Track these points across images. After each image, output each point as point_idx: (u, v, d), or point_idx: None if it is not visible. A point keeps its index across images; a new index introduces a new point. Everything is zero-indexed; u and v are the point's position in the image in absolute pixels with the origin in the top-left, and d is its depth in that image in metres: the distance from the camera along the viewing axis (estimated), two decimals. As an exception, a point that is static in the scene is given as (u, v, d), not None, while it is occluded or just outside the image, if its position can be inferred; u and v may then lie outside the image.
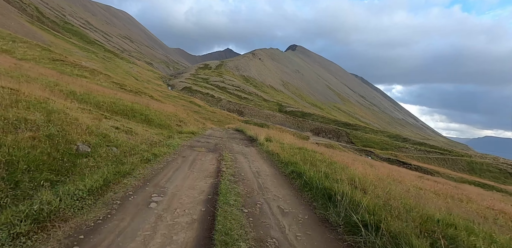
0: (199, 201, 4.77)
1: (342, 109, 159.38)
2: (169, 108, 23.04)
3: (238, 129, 24.16)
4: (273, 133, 17.16)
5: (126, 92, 29.47)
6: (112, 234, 3.38)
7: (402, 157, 42.29)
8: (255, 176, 6.88)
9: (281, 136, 15.54)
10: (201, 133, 16.14)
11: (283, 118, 69.11)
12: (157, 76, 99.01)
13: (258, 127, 51.84)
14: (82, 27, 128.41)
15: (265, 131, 17.62)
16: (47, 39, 75.34)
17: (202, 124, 25.69)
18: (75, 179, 4.55)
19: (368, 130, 62.58)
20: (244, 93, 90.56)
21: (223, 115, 62.62)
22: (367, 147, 47.75)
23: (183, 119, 19.80)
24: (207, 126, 26.89)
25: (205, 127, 23.46)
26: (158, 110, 17.98)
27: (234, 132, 22.03)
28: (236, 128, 26.88)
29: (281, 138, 13.98)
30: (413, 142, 55.04)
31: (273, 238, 3.75)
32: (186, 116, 22.94)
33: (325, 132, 58.63)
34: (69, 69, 32.71)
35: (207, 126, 26.10)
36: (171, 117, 17.38)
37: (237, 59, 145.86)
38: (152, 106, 18.73)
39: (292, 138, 15.34)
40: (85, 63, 39.68)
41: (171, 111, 20.45)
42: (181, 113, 23.22)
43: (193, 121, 23.22)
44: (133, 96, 24.19)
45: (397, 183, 8.94)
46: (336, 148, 36.28)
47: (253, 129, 21.04)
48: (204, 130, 18.97)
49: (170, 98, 52.26)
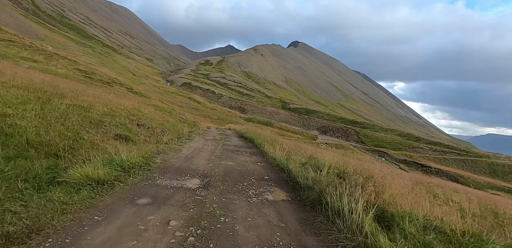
0: None
1: (345, 107, 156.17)
2: (146, 108, 15.50)
3: (243, 135, 16.60)
4: (297, 147, 12.71)
5: (91, 84, 22.81)
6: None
7: (418, 158, 39.07)
8: None
9: (315, 151, 10.93)
10: (173, 151, 8.58)
11: (288, 115, 65.98)
12: (156, 72, 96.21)
13: (262, 126, 49.00)
14: (81, 23, 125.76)
15: (278, 138, 14.08)
16: (41, 33, 72.87)
17: (191, 128, 18.08)
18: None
19: (377, 128, 59.37)
20: (246, 90, 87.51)
21: (224, 112, 59.72)
22: (378, 147, 44.55)
23: (152, 118, 12.80)
24: (202, 127, 22.33)
25: (197, 130, 17.90)
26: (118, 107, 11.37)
27: (239, 139, 14.82)
28: (240, 131, 19.59)
29: (315, 153, 9.94)
30: (426, 141, 51.79)
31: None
32: (163, 118, 15.54)
33: (332, 131, 55.37)
34: (15, 51, 25.63)
35: (201, 128, 21.45)
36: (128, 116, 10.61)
37: (238, 55, 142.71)
38: (112, 103, 11.92)
39: (330, 155, 11.04)
40: (50, 48, 35.62)
41: (132, 107, 12.93)
42: (153, 114, 15.06)
43: (176, 122, 16.68)
44: (94, 90, 16.65)
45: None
46: (347, 148, 33.22)
47: (260, 132, 16.32)
48: (190, 138, 12.77)
49: (168, 95, 49.29)
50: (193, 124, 21.42)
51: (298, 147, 11.97)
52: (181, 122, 17.92)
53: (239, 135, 18.10)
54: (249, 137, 14.62)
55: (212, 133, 18.15)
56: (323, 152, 11.95)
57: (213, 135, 16.83)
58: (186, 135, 13.87)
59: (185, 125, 17.80)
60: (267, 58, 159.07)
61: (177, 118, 19.26)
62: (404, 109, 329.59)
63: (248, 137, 14.73)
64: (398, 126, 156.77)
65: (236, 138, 15.72)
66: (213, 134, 17.31)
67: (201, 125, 24.12)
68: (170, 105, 29.54)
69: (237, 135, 18.34)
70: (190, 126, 18.86)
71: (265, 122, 51.42)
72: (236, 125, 29.71)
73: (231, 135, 17.93)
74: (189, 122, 20.77)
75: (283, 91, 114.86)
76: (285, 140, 17.70)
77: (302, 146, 13.24)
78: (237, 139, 15.11)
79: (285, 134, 40.75)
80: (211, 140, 13.44)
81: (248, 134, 16.09)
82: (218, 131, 21.61)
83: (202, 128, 22.23)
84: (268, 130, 36.69)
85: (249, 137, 14.68)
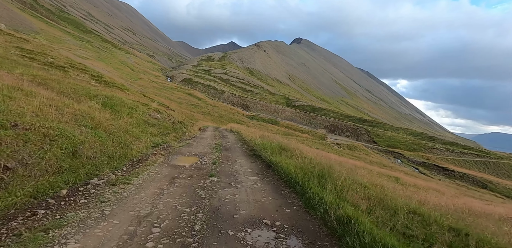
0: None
1: (350, 104, 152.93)
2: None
3: (256, 150, 10.17)
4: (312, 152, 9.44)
5: (29, 66, 15.32)
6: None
7: (435, 160, 35.96)
8: None
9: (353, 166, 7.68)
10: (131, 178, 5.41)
11: (293, 113, 63.06)
12: (156, 68, 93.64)
13: (267, 124, 46.25)
14: (82, 18, 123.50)
15: (295, 145, 10.39)
16: (37, 27, 70.64)
17: (166, 134, 12.08)
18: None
19: (388, 127, 56.23)
20: (249, 86, 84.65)
21: (226, 109, 57.00)
22: (392, 147, 41.47)
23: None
24: (193, 129, 17.29)
25: (179, 136, 13.07)
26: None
27: (249, 161, 8.92)
28: (248, 138, 13.66)
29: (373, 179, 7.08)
30: (441, 141, 48.59)
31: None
32: (105, 120, 8.12)
33: (341, 129, 52.29)
34: None
35: (193, 131, 16.71)
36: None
37: (241, 51, 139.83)
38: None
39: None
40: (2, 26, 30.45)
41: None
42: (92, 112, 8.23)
43: (131, 127, 9.32)
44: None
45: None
46: (361, 150, 30.34)
47: (289, 144, 10.49)
48: (170, 152, 9.04)
49: (166, 90, 46.57)
50: (179, 125, 15.15)
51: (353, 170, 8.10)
52: (145, 126, 10.89)
53: (248, 148, 11.19)
54: (274, 162, 7.30)
55: (204, 143, 12.16)
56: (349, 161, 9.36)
57: (203, 148, 10.79)
58: (137, 154, 7.47)
59: (156, 130, 11.37)
60: (270, 54, 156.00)
61: (144, 117, 11.95)
62: (408, 107, 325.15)
63: (273, 162, 7.36)
64: (403, 124, 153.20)
65: (243, 157, 9.40)
66: (203, 146, 11.37)
67: (195, 125, 19.62)
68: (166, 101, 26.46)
69: (245, 147, 11.66)
70: (168, 129, 12.66)
71: (270, 120, 48.60)
72: (240, 125, 26.68)
73: (234, 146, 12.05)
74: (170, 123, 14.25)
75: (287, 88, 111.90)
76: (307, 147, 14.63)
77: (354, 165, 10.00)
78: (246, 160, 8.87)
79: (293, 133, 37.94)
80: (190, 169, 6.92)
81: (255, 144, 9.89)
82: (214, 137, 15.32)
83: (193, 130, 17.01)
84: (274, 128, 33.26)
85: (274, 161, 7.35)
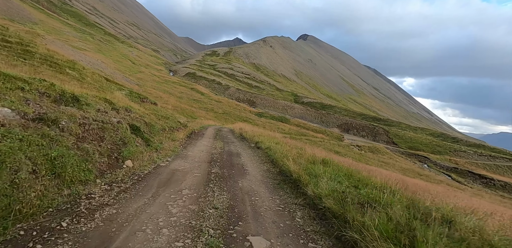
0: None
1: (358, 102, 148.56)
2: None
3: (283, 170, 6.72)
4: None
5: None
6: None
7: (465, 165, 32.17)
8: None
9: None
10: None
11: (303, 110, 59.45)
12: (159, 62, 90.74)
13: (277, 122, 42.89)
14: (87, 12, 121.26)
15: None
16: (36, 18, 68.24)
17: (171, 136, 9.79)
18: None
19: (404, 126, 52.29)
20: (255, 82, 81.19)
21: (231, 105, 53.80)
22: (414, 150, 37.67)
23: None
24: (180, 136, 11.75)
25: (168, 145, 9.06)
26: None
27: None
28: (261, 146, 10.33)
29: None
30: (466, 143, 44.48)
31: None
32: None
33: (356, 129, 48.55)
34: None
35: (172, 144, 9.54)
36: None
37: (246, 47, 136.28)
38: None
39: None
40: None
41: None
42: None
43: None
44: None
45: None
46: (385, 153, 26.80)
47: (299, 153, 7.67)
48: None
49: (167, 84, 43.30)
50: (150, 128, 9.60)
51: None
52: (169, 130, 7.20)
53: (283, 176, 6.68)
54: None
55: (190, 180, 5.72)
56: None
57: (197, 167, 6.69)
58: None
59: (92, 147, 5.43)
60: (276, 50, 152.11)
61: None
62: (415, 106, 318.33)
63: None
64: (410, 123, 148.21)
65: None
66: (199, 164, 6.98)
67: (188, 128, 14.49)
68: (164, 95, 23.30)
69: (276, 176, 6.81)
70: (116, 140, 6.46)
71: (280, 118, 45.16)
72: (247, 124, 23.11)
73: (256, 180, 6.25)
74: (131, 129, 7.70)
75: (294, 85, 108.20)
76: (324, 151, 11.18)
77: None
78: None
79: (306, 133, 34.51)
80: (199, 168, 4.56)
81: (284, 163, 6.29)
82: (213, 146, 10.41)
83: (179, 137, 11.24)
84: (285, 127, 30.33)
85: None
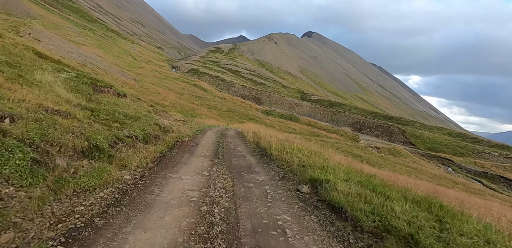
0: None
1: (364, 100, 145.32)
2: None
3: None
4: None
5: None
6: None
7: (492, 168, 29.31)
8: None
9: None
10: None
11: (311, 108, 56.85)
12: (162, 58, 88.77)
13: (286, 121, 40.43)
14: (91, 9, 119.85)
15: None
16: (35, 12, 66.50)
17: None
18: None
19: (419, 125, 49.47)
20: (260, 78, 78.72)
21: (236, 103, 51.56)
22: (434, 151, 34.99)
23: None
24: (151, 151, 6.84)
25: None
26: None
27: None
28: None
29: None
30: (488, 143, 41.59)
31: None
32: None
33: (369, 128, 45.95)
34: None
35: (149, 155, 6.76)
36: None
37: (251, 43, 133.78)
38: None
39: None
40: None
41: None
42: None
43: None
44: None
45: None
46: (406, 155, 24.25)
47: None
48: None
49: (168, 80, 40.97)
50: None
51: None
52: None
53: None
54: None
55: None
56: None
57: None
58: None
59: None
60: (281, 47, 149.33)
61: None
62: (422, 104, 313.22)
63: None
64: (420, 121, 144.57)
65: None
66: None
67: (170, 134, 10.76)
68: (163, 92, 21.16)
69: None
70: None
71: (288, 116, 42.73)
72: (255, 124, 20.60)
73: None
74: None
75: (299, 82, 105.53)
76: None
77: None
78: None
79: (319, 133, 32.10)
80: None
81: None
82: (199, 202, 4.54)
83: (132, 163, 5.84)
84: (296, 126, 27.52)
85: None
